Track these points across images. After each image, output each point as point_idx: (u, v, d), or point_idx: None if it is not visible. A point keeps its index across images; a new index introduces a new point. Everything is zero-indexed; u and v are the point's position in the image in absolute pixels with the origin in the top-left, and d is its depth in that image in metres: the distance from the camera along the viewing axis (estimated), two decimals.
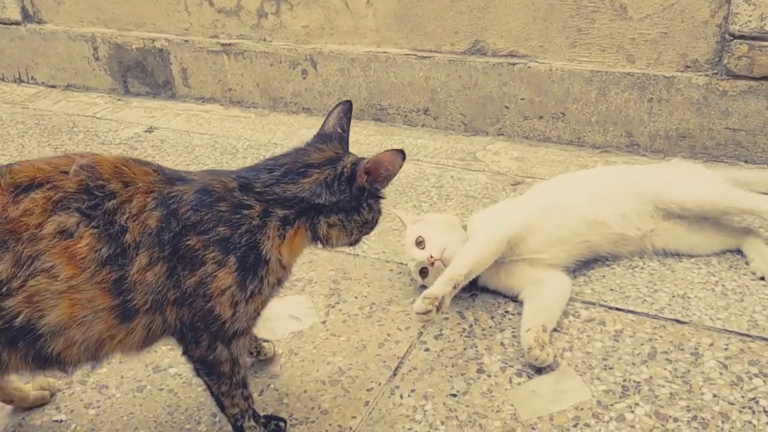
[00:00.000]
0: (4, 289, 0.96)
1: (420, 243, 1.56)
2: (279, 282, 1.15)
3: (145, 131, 2.76)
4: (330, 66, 2.73)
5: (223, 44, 2.88)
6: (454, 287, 1.40)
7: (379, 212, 1.20)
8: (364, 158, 1.15)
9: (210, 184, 1.09)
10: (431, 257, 1.52)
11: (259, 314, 1.15)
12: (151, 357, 1.45)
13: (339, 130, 1.22)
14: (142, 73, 3.12)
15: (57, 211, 0.99)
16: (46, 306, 0.98)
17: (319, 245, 1.19)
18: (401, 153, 1.12)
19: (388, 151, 1.12)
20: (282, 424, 1.24)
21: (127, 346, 1.08)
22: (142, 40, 3.06)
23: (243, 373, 1.17)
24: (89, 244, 0.99)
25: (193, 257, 1.04)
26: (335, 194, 1.13)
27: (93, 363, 1.10)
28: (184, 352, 1.14)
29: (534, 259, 1.57)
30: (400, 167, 1.13)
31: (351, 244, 1.22)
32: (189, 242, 1.04)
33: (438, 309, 1.36)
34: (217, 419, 1.28)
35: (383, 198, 1.19)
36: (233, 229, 1.06)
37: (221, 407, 1.19)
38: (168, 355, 1.45)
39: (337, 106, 1.24)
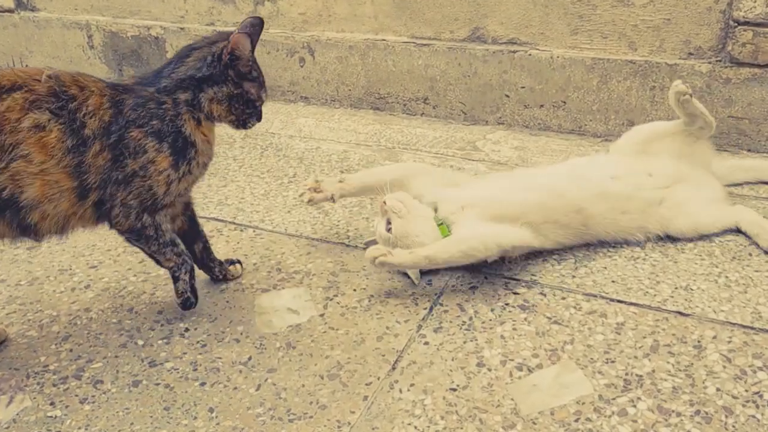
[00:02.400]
0: None
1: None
2: (206, 165, 1.44)
3: None
4: (328, 54, 2.70)
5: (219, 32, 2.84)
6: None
7: (259, 97, 1.43)
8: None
9: (141, 91, 1.37)
10: (383, 202, 1.61)
11: (186, 191, 1.46)
12: (146, 351, 1.43)
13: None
14: (138, 61, 3.08)
15: (32, 110, 1.25)
16: (24, 184, 1.26)
17: (215, 122, 1.44)
18: (247, 35, 1.36)
19: (239, 32, 1.35)
20: (194, 284, 1.50)
21: (85, 219, 1.37)
22: (138, 27, 3.03)
23: (168, 236, 1.44)
24: (57, 136, 1.27)
25: (136, 146, 1.33)
26: (210, 68, 1.38)
27: (60, 235, 1.38)
28: (113, 226, 1.40)
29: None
30: (247, 49, 1.37)
31: (237, 125, 1.46)
32: (132, 134, 1.33)
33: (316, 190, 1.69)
34: (213, 414, 1.26)
35: (252, 79, 1.41)
36: (161, 120, 1.35)
37: (158, 263, 1.49)
38: (164, 349, 1.44)
39: (247, 18, 1.44)
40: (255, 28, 1.43)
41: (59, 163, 1.28)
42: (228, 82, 1.39)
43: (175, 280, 1.49)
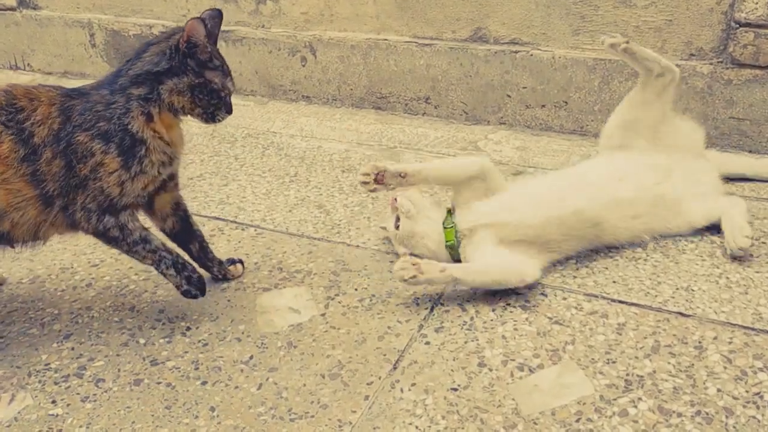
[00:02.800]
0: None
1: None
2: (170, 160, 1.42)
3: None
4: (329, 53, 2.70)
5: (221, 31, 2.84)
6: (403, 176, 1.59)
7: (224, 87, 1.42)
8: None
9: (93, 95, 1.37)
10: (394, 199, 1.63)
11: (148, 191, 1.42)
12: (148, 350, 1.43)
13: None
14: None
15: None
16: None
17: (180, 116, 1.43)
18: (201, 20, 1.35)
19: (192, 19, 1.34)
20: (195, 276, 1.48)
21: (57, 225, 1.39)
22: (140, 26, 3.03)
23: (138, 234, 1.42)
24: (9, 147, 1.30)
25: (84, 150, 1.33)
26: (169, 61, 1.36)
27: (37, 241, 1.41)
28: (81, 229, 1.40)
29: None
30: (203, 34, 1.36)
31: (206, 118, 1.44)
32: (78, 138, 1.33)
33: (377, 181, 1.57)
34: (215, 413, 1.26)
35: (214, 67, 1.40)
36: (108, 121, 1.34)
37: (140, 262, 1.47)
38: (165, 348, 1.44)
39: (206, 10, 1.45)
40: (214, 20, 1.44)
41: (16, 172, 1.31)
42: (188, 72, 1.37)
43: (163, 275, 1.48)
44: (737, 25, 2.05)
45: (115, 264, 1.75)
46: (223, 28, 1.48)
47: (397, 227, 1.65)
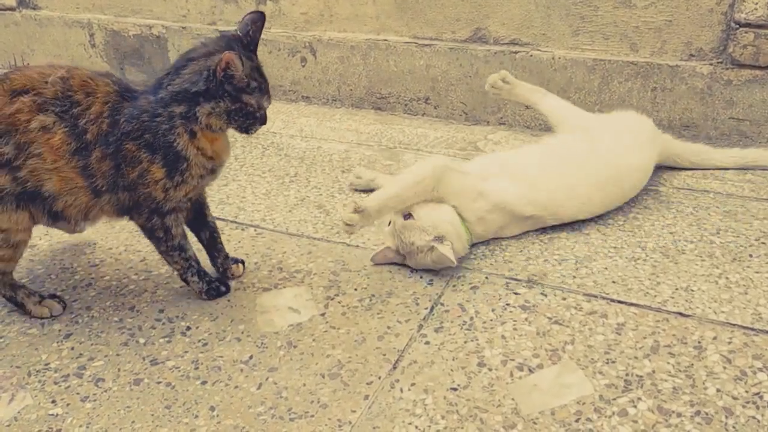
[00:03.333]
0: (15, 164, 1.35)
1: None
2: (212, 171, 1.47)
3: None
4: (329, 54, 2.70)
5: (221, 31, 2.84)
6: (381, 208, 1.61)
7: (260, 107, 1.43)
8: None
9: (141, 100, 1.39)
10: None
11: (191, 198, 1.48)
12: (148, 350, 1.43)
13: (239, 33, 1.44)
14: (140, 60, 3.08)
15: (40, 112, 1.34)
16: (43, 179, 1.37)
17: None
18: (238, 55, 1.33)
19: (230, 52, 1.32)
20: (223, 288, 1.58)
21: (106, 212, 1.46)
22: (139, 26, 3.03)
23: (177, 241, 1.50)
24: (62, 138, 1.35)
25: (132, 157, 1.38)
26: (206, 83, 1.36)
27: (88, 221, 1.50)
28: (131, 219, 1.48)
29: None
30: (239, 68, 1.34)
31: (240, 131, 1.46)
32: (127, 146, 1.37)
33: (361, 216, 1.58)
34: (215, 413, 1.26)
35: (250, 91, 1.39)
36: (153, 135, 1.37)
37: (168, 263, 1.55)
38: (165, 348, 1.44)
39: (247, 14, 1.46)
40: (255, 23, 1.44)
41: (68, 163, 1.36)
42: (225, 97, 1.37)
43: (185, 281, 1.57)
44: (737, 26, 2.06)
45: (114, 264, 1.75)
46: (223, 28, 1.49)
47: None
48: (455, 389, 1.29)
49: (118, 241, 1.86)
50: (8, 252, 1.45)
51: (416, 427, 1.21)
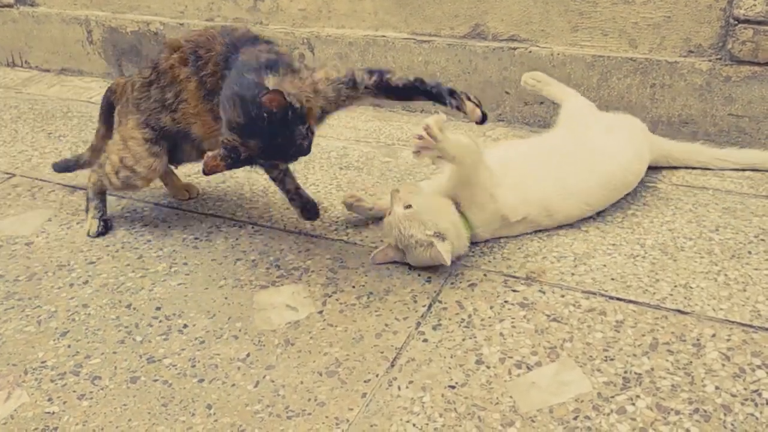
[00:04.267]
0: (173, 107, 1.66)
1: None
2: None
3: None
4: (327, 50, 2.69)
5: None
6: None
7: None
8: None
9: (241, 68, 1.50)
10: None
11: None
12: (144, 347, 1.43)
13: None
14: (137, 56, 3.07)
15: (183, 66, 1.62)
16: (191, 122, 1.66)
17: None
18: (280, 93, 1.37)
19: (272, 91, 1.38)
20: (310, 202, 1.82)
21: None
22: (137, 23, 3.02)
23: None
24: (196, 86, 1.61)
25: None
26: None
27: None
28: None
29: None
30: (279, 105, 1.39)
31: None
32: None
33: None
34: (212, 411, 1.26)
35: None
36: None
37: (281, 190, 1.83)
38: (162, 346, 1.43)
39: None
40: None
41: (204, 107, 1.60)
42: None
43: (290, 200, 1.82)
44: (736, 22, 2.05)
45: (111, 261, 1.75)
46: (220, 24, 1.49)
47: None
48: (453, 387, 1.29)
49: (115, 238, 1.85)
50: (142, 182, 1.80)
51: (414, 425, 1.20)
